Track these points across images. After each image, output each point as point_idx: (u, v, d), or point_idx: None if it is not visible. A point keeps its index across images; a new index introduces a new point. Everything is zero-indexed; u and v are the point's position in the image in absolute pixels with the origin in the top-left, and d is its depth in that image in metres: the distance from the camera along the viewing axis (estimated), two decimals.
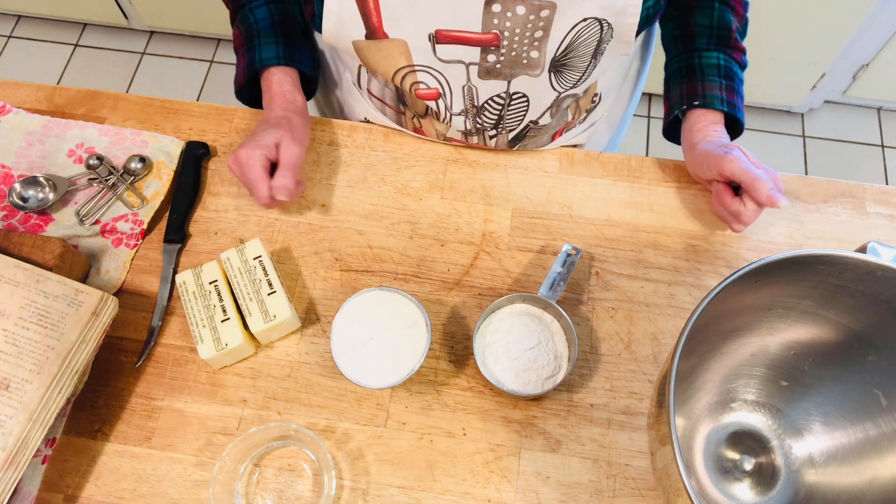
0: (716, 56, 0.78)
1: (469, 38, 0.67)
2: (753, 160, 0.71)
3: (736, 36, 0.79)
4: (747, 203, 0.70)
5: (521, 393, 0.67)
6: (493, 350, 0.69)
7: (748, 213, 0.71)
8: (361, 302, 0.69)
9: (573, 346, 0.69)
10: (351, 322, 0.68)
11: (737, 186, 0.72)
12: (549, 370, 0.68)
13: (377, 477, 0.68)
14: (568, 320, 0.68)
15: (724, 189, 0.74)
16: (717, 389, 0.68)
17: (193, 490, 0.67)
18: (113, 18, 1.95)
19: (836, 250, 0.53)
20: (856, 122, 1.92)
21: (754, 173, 0.68)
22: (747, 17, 0.81)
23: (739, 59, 0.79)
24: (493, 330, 0.70)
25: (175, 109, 0.87)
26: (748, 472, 0.66)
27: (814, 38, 1.60)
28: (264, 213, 0.80)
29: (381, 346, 0.67)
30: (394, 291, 0.69)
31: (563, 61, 0.69)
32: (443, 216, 0.80)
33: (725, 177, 0.72)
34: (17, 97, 0.87)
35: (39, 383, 0.63)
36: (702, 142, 0.76)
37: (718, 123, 0.77)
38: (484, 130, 0.79)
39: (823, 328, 0.62)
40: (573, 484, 0.67)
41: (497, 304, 0.70)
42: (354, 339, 0.67)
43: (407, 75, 0.72)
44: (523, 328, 0.70)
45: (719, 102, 0.76)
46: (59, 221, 0.78)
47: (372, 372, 0.66)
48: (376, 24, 0.67)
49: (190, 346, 0.73)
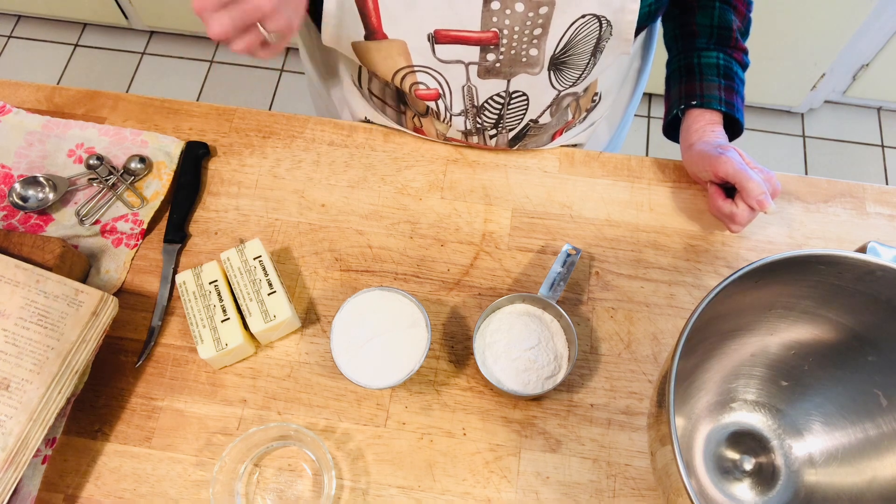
0: (715, 56, 0.78)
1: (468, 38, 0.67)
2: (749, 161, 0.71)
3: (737, 35, 0.78)
4: (739, 204, 0.71)
5: (522, 393, 0.67)
6: (493, 350, 0.69)
7: (742, 215, 0.71)
8: (361, 302, 0.69)
9: (573, 346, 0.69)
10: (351, 322, 0.68)
11: (732, 187, 0.72)
12: (550, 370, 0.68)
13: (377, 477, 0.68)
14: (568, 320, 0.68)
15: (717, 191, 0.74)
16: (717, 389, 0.68)
17: (193, 490, 0.67)
18: (113, 18, 1.95)
19: (836, 250, 0.53)
20: (856, 122, 1.92)
21: (747, 174, 0.68)
22: (750, 16, 0.81)
23: (740, 58, 0.79)
24: (494, 330, 0.70)
25: (175, 109, 0.87)
26: (748, 472, 0.66)
27: (814, 38, 1.60)
28: (264, 212, 0.80)
29: (381, 346, 0.67)
30: (394, 291, 0.69)
31: (563, 59, 0.69)
32: (443, 216, 0.80)
33: (720, 178, 0.72)
34: (17, 97, 0.87)
35: (39, 383, 0.63)
36: (698, 142, 0.76)
37: (717, 124, 0.77)
38: (484, 130, 0.79)
39: (823, 328, 0.62)
40: (573, 484, 0.67)
41: (497, 304, 0.70)
42: (354, 339, 0.67)
43: (406, 76, 0.72)
44: (523, 328, 0.70)
45: (717, 102, 0.76)
46: (59, 221, 0.78)
47: (372, 372, 0.66)
48: (375, 25, 0.67)
49: (190, 346, 0.73)
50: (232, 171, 0.83)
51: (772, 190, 0.70)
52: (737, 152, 0.71)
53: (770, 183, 0.70)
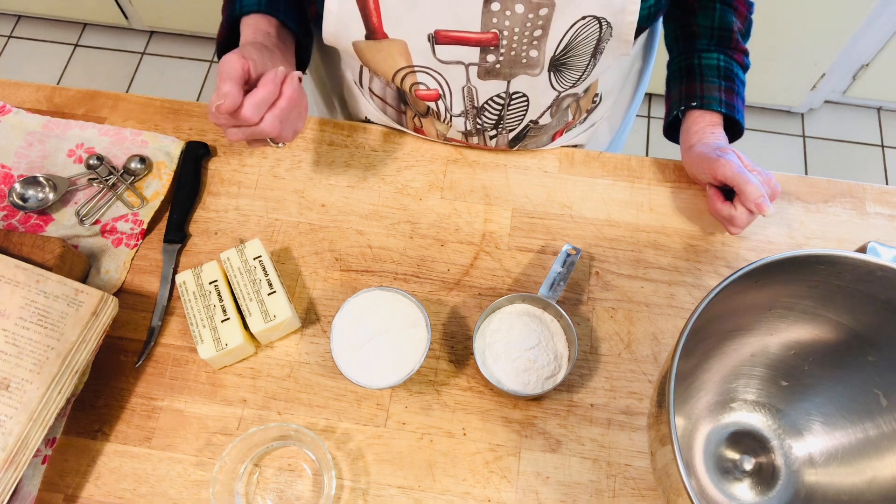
0: (716, 57, 0.78)
1: (468, 38, 0.67)
2: (747, 164, 0.71)
3: (737, 37, 0.78)
4: (738, 207, 0.71)
5: (522, 393, 0.67)
6: (493, 350, 0.69)
7: (740, 218, 0.71)
8: (361, 302, 0.69)
9: (573, 346, 0.69)
10: (351, 322, 0.68)
11: (731, 190, 0.72)
12: (549, 370, 0.68)
13: (377, 477, 0.68)
14: (568, 320, 0.68)
15: (716, 193, 0.74)
16: (717, 389, 0.68)
17: (193, 490, 0.67)
18: (113, 18, 1.95)
19: (836, 250, 0.53)
20: (856, 122, 1.92)
21: (745, 177, 0.68)
22: (751, 18, 0.81)
23: (741, 60, 0.79)
24: (493, 330, 0.70)
25: (175, 109, 0.87)
26: (748, 472, 0.66)
27: (814, 38, 1.60)
28: (264, 212, 0.80)
29: (381, 346, 0.67)
30: (394, 291, 0.69)
31: (563, 60, 0.69)
32: (443, 216, 0.80)
33: (718, 180, 0.72)
34: (17, 97, 0.87)
35: (39, 383, 0.63)
36: (698, 144, 0.76)
37: (717, 125, 0.77)
38: (484, 131, 0.79)
39: (823, 328, 0.62)
40: (573, 484, 0.67)
41: (497, 303, 0.70)
42: (354, 339, 0.67)
43: (407, 76, 0.72)
44: (523, 328, 0.70)
45: (717, 104, 0.76)
46: (59, 221, 0.78)
47: (372, 372, 0.66)
48: (376, 25, 0.67)
49: (190, 346, 0.73)
50: (232, 171, 0.83)
51: (771, 192, 0.70)
52: (736, 155, 0.71)
53: (769, 185, 0.70)
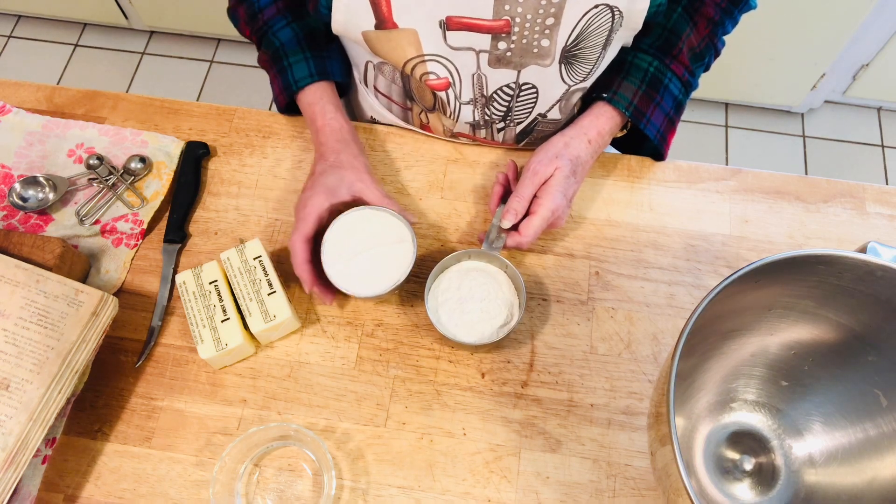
0: (648, 61, 0.75)
1: (480, 25, 0.67)
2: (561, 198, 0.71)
3: (684, 49, 0.74)
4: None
5: (479, 343, 0.68)
6: (446, 308, 0.71)
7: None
8: (352, 219, 0.72)
9: (521, 292, 0.71)
10: (342, 236, 0.71)
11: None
12: (502, 318, 0.70)
13: (377, 477, 0.68)
14: (514, 269, 0.71)
15: (500, 192, 0.75)
16: (717, 389, 0.68)
17: (193, 490, 0.67)
18: (113, 18, 1.95)
19: (836, 250, 0.53)
20: (856, 122, 1.92)
21: (522, 192, 0.71)
22: (717, 47, 0.77)
23: (681, 73, 0.76)
24: (444, 289, 0.72)
25: (175, 109, 0.87)
26: (748, 472, 0.66)
27: (814, 38, 1.60)
28: (264, 212, 0.80)
29: (370, 259, 0.70)
30: (382, 210, 0.72)
31: (574, 52, 0.69)
32: (443, 216, 0.80)
33: (513, 177, 0.75)
34: (17, 97, 0.87)
35: (39, 383, 0.63)
36: (569, 140, 0.73)
37: (608, 132, 0.75)
38: (492, 123, 0.79)
39: (823, 328, 0.62)
40: (573, 484, 0.67)
41: (444, 262, 0.72)
42: (345, 252, 0.70)
43: (417, 66, 0.72)
44: (472, 283, 0.72)
45: (625, 105, 0.73)
46: (59, 221, 0.78)
47: (362, 281, 0.70)
48: (386, 14, 0.67)
49: (190, 346, 0.73)
50: (232, 171, 0.83)
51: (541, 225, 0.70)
52: (563, 175, 0.71)
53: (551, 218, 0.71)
